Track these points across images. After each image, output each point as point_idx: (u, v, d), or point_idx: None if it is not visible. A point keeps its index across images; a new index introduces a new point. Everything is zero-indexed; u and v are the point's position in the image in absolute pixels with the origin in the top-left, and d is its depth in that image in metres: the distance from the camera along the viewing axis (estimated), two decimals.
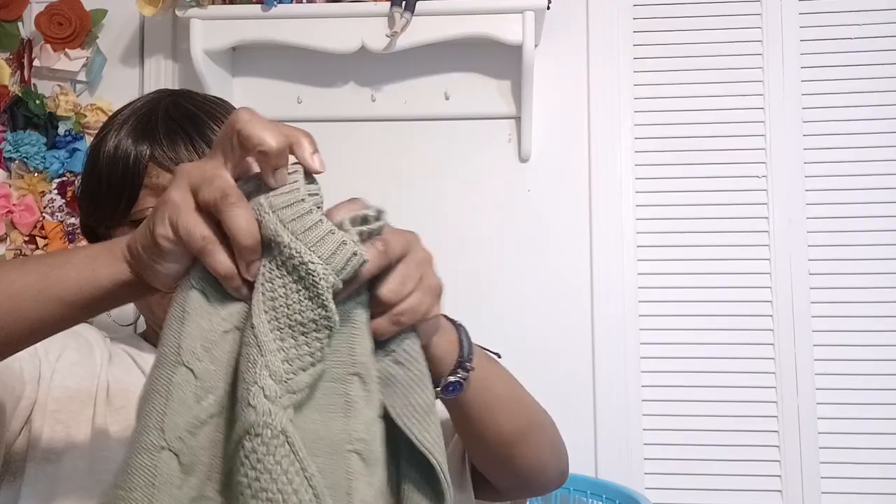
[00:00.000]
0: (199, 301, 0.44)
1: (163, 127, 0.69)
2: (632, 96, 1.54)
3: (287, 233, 0.43)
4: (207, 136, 0.69)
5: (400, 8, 1.37)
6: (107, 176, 0.70)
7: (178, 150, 0.68)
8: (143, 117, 0.70)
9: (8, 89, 1.56)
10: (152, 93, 0.75)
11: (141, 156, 0.68)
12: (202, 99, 0.74)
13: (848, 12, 1.51)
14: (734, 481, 1.45)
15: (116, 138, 0.70)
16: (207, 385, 0.43)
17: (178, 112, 0.70)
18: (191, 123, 0.69)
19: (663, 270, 1.51)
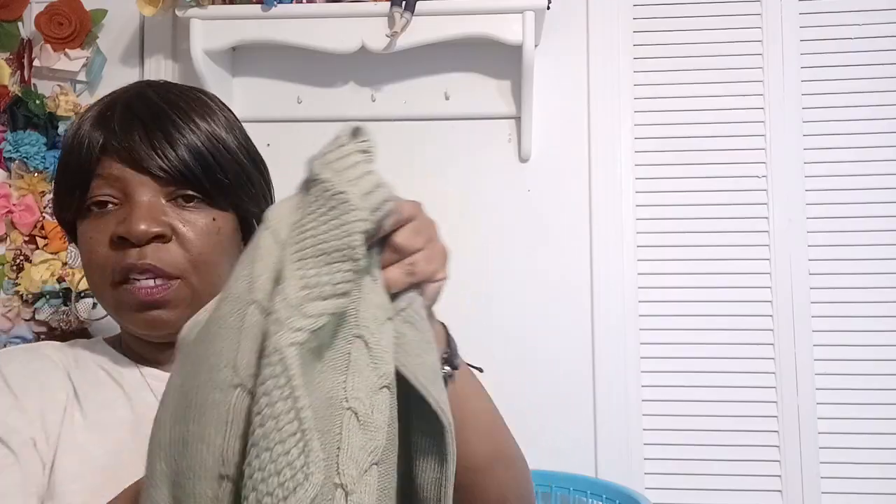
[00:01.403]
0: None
1: (119, 117, 0.67)
2: (632, 96, 1.54)
3: (329, 169, 0.45)
4: (167, 129, 0.66)
5: (400, 8, 1.37)
6: (65, 162, 0.69)
7: (133, 140, 0.66)
8: (105, 106, 0.69)
9: (8, 89, 1.56)
10: (131, 84, 0.73)
11: (94, 144, 0.67)
12: (177, 92, 0.71)
13: (848, 12, 1.51)
14: (734, 481, 1.45)
15: (80, 124, 0.69)
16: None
17: (140, 103, 0.69)
18: (150, 115, 0.67)
19: (663, 270, 1.51)
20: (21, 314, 1.52)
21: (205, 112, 0.70)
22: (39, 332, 1.52)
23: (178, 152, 0.66)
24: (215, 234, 0.68)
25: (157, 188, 0.66)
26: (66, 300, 1.51)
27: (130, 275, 0.65)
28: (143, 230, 0.64)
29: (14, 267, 1.53)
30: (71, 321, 1.51)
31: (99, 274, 0.67)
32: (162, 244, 0.65)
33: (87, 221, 0.68)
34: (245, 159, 0.72)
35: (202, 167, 0.67)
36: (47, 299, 1.49)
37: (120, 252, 0.65)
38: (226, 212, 0.70)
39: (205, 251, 0.67)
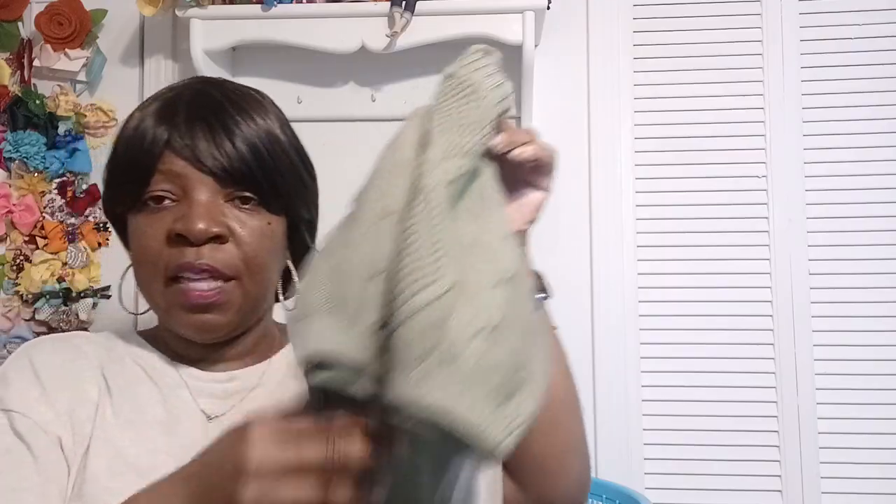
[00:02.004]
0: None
1: (183, 113, 0.67)
2: (632, 96, 1.54)
3: (465, 69, 0.55)
4: (229, 126, 0.66)
5: (400, 8, 1.37)
6: (124, 156, 0.68)
7: (196, 138, 0.65)
8: (167, 101, 0.69)
9: (8, 89, 1.56)
10: (188, 79, 0.73)
11: (158, 139, 0.66)
12: (233, 89, 0.71)
13: (848, 12, 1.51)
14: (734, 481, 1.45)
15: (139, 119, 0.68)
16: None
17: (203, 99, 0.68)
18: (212, 112, 0.67)
19: (663, 270, 1.51)
20: (21, 314, 1.52)
21: (262, 112, 0.70)
22: (39, 332, 1.52)
23: (239, 152, 0.66)
24: (269, 237, 0.68)
25: (217, 188, 0.66)
26: (66, 300, 1.51)
27: (184, 274, 0.64)
28: (202, 229, 0.63)
29: (14, 267, 1.53)
30: (71, 321, 1.51)
31: (150, 270, 0.66)
32: (219, 244, 0.65)
33: (140, 215, 0.67)
34: (300, 163, 0.72)
35: (262, 169, 0.67)
36: (47, 299, 1.50)
37: (176, 249, 0.64)
38: (279, 216, 0.69)
39: (259, 254, 0.67)
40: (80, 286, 1.52)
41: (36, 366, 0.66)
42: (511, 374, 0.43)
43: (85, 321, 1.51)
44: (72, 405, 0.65)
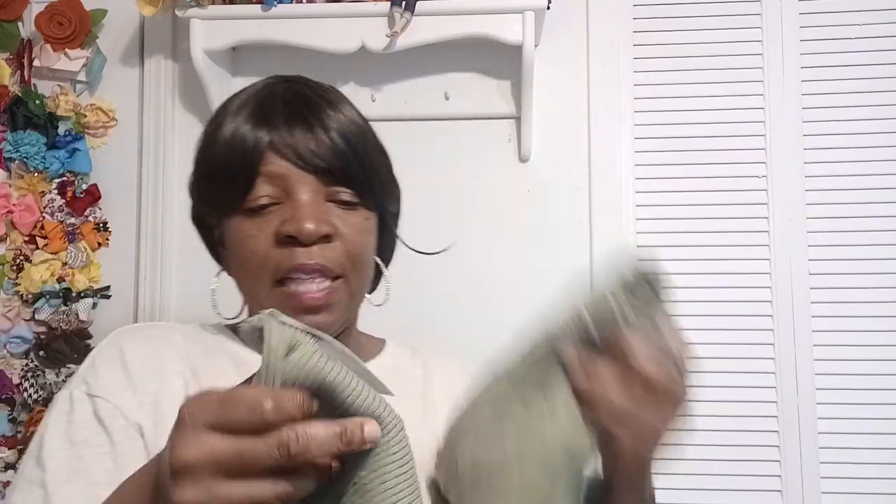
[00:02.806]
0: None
1: (282, 113, 0.67)
2: (632, 96, 1.54)
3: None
4: (324, 122, 0.67)
5: (400, 8, 1.37)
6: (222, 161, 0.68)
7: (296, 136, 0.66)
8: (261, 102, 0.68)
9: (8, 89, 1.56)
10: (267, 79, 0.73)
11: (259, 142, 0.66)
12: (316, 85, 0.72)
13: (848, 12, 1.51)
14: (734, 481, 1.45)
15: (234, 123, 0.68)
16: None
17: (297, 98, 0.68)
18: (309, 109, 0.67)
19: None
20: (21, 314, 1.52)
21: (347, 107, 0.71)
22: (39, 332, 1.52)
23: (339, 150, 0.66)
24: (368, 233, 0.69)
25: (319, 187, 0.66)
26: (66, 300, 1.51)
27: (295, 275, 0.65)
28: (312, 229, 0.64)
29: (14, 267, 1.53)
30: (71, 321, 1.51)
31: (257, 273, 0.66)
32: (326, 243, 0.65)
33: (241, 218, 0.67)
34: (385, 159, 0.74)
35: (360, 165, 0.68)
36: (47, 299, 1.50)
37: (286, 251, 0.64)
38: (373, 211, 0.71)
39: (362, 250, 0.68)
40: (80, 286, 1.52)
41: (125, 353, 0.66)
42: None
43: (85, 321, 1.52)
44: (157, 395, 0.64)
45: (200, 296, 1.56)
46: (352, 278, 0.68)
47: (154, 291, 1.54)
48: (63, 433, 0.61)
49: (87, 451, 0.60)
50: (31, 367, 1.50)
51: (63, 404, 0.63)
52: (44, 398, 1.48)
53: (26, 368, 1.50)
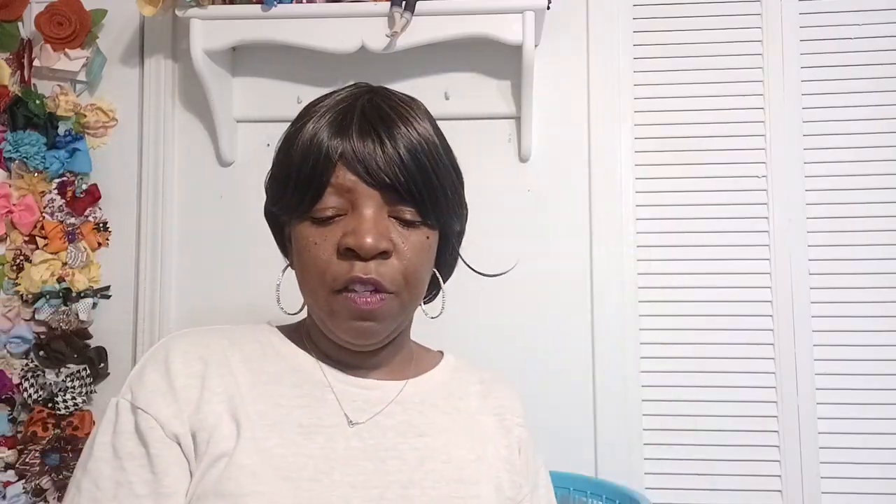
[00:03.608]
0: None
1: (357, 125, 0.68)
2: (632, 96, 1.54)
3: None
4: (395, 138, 0.68)
5: (400, 8, 1.37)
6: (297, 166, 0.69)
7: (367, 153, 0.67)
8: (341, 113, 0.70)
9: (8, 89, 1.56)
10: (351, 86, 0.75)
11: (332, 152, 0.67)
12: (397, 99, 0.74)
13: (848, 12, 1.51)
14: (734, 481, 1.45)
15: (314, 129, 0.69)
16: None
17: (374, 112, 0.70)
18: (383, 124, 0.69)
19: (663, 270, 1.51)
20: (21, 314, 1.52)
21: (424, 124, 0.72)
22: (39, 332, 1.52)
23: (407, 169, 0.67)
24: (427, 251, 0.72)
25: (383, 202, 0.68)
26: (66, 300, 1.51)
27: (352, 285, 0.67)
28: (371, 245, 0.66)
29: (14, 267, 1.53)
30: (71, 321, 1.51)
31: (318, 279, 0.68)
32: (384, 259, 0.67)
33: (308, 225, 0.69)
34: (455, 175, 0.74)
35: (426, 186, 0.69)
36: (47, 299, 1.49)
37: (346, 262, 0.67)
38: (435, 230, 0.72)
39: (418, 269, 0.70)
40: (80, 286, 1.52)
41: (170, 362, 0.68)
42: None
43: (85, 321, 1.51)
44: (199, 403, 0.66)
45: (201, 295, 1.57)
46: (404, 294, 0.70)
47: (154, 291, 1.54)
48: (109, 443, 0.65)
49: (129, 463, 0.64)
50: (31, 367, 1.50)
51: (111, 413, 0.67)
52: (44, 398, 1.48)
53: (26, 368, 1.50)
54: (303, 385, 0.71)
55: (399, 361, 0.77)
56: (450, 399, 0.77)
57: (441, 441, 0.72)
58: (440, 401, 0.76)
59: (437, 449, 0.71)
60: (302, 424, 0.67)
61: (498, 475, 0.73)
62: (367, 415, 0.71)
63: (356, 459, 0.67)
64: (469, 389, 0.80)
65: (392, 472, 0.67)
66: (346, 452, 0.67)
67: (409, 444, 0.70)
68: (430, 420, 0.73)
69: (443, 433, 0.73)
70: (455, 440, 0.73)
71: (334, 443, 0.67)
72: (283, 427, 0.67)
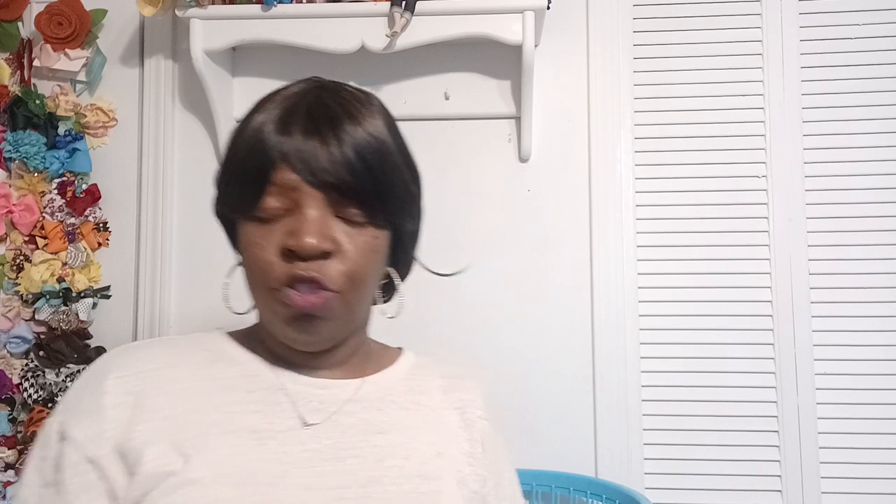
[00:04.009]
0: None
1: (302, 124, 0.66)
2: (632, 96, 1.54)
3: None
4: (341, 137, 0.66)
5: (400, 8, 1.37)
6: (241, 164, 0.69)
7: (311, 152, 0.65)
8: (287, 110, 0.68)
9: (8, 89, 1.56)
10: (305, 81, 0.72)
11: (274, 151, 0.66)
12: (348, 96, 0.70)
13: (848, 12, 1.51)
14: (734, 481, 1.45)
15: (259, 125, 0.68)
16: None
17: (321, 110, 0.67)
18: (329, 123, 0.66)
19: (663, 270, 1.51)
20: (21, 314, 1.52)
21: (374, 122, 0.69)
22: (39, 332, 1.52)
23: (352, 169, 0.66)
24: (374, 252, 0.69)
25: (327, 202, 0.66)
26: (66, 300, 1.51)
27: (293, 284, 0.65)
28: (313, 245, 0.64)
29: (14, 267, 1.53)
30: (71, 321, 1.51)
31: (260, 279, 0.67)
32: (326, 259, 0.66)
33: (252, 225, 0.68)
34: (408, 174, 0.73)
35: (373, 186, 0.67)
36: (47, 299, 1.50)
37: (287, 263, 0.65)
38: (384, 230, 0.70)
39: (363, 269, 0.68)
40: (80, 286, 1.52)
41: (103, 382, 0.67)
42: None
43: (85, 321, 1.52)
44: (130, 422, 0.65)
45: (200, 295, 1.57)
46: (349, 294, 0.68)
47: (154, 291, 1.54)
48: (35, 469, 0.66)
49: (46, 491, 0.64)
50: (31, 367, 1.50)
51: (42, 435, 0.67)
52: (43, 398, 1.48)
53: (26, 368, 1.50)
54: (255, 390, 0.69)
55: (357, 360, 0.76)
56: (410, 394, 0.76)
57: (401, 437, 0.71)
58: (400, 397, 0.75)
59: (397, 445, 0.70)
60: (254, 430, 0.66)
61: (460, 469, 0.72)
62: (324, 415, 0.69)
63: (312, 461, 0.66)
64: (431, 384, 0.78)
65: (351, 472, 0.66)
66: (302, 455, 0.66)
67: (368, 443, 0.69)
68: (389, 417, 0.72)
69: (403, 430, 0.72)
70: (416, 436, 0.72)
71: (288, 446, 0.66)
72: (235, 435, 0.65)
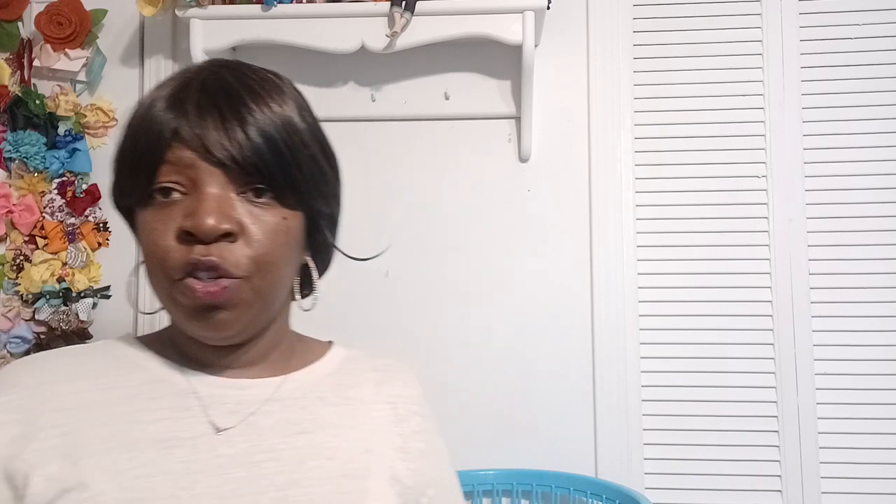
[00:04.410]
0: None
1: (194, 100, 0.62)
2: (632, 96, 1.54)
3: None
4: (242, 115, 0.62)
5: (400, 8, 1.37)
6: (131, 144, 0.64)
7: (207, 128, 0.61)
8: (178, 87, 0.64)
9: (8, 89, 1.56)
10: (206, 61, 0.69)
11: (166, 128, 0.61)
12: (251, 73, 0.66)
13: (848, 12, 1.51)
14: (734, 481, 1.45)
15: (150, 104, 0.64)
16: None
17: (216, 85, 0.63)
18: (225, 99, 0.62)
19: (663, 270, 1.51)
20: (21, 314, 1.52)
21: (280, 98, 0.65)
22: (39, 332, 1.52)
23: (252, 143, 0.61)
24: (284, 233, 0.64)
25: (228, 180, 0.61)
26: (66, 300, 1.51)
27: (193, 272, 0.60)
28: (211, 225, 0.59)
29: (14, 267, 1.53)
30: (71, 321, 1.51)
31: (160, 267, 0.62)
32: (229, 242, 0.61)
33: (149, 210, 0.63)
34: (320, 154, 0.68)
35: (276, 160, 0.63)
36: (47, 299, 1.50)
37: (185, 247, 0.60)
38: (295, 210, 0.65)
39: (271, 252, 0.63)
40: (80, 286, 1.52)
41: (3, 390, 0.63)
42: None
43: (85, 321, 1.51)
44: (24, 441, 0.61)
45: None
46: (256, 280, 0.62)
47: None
48: None
49: None
50: None
51: None
52: None
53: None
54: (163, 396, 0.65)
55: (277, 356, 0.71)
56: (339, 389, 0.71)
57: (325, 436, 0.67)
58: (327, 393, 0.70)
59: (320, 445, 0.66)
60: (159, 440, 0.62)
61: (392, 465, 0.69)
62: (239, 417, 0.65)
63: (225, 468, 0.62)
64: (363, 377, 0.74)
65: (268, 476, 0.62)
66: (213, 462, 0.62)
67: (288, 444, 0.65)
68: (312, 415, 0.68)
69: (327, 427, 0.68)
70: (342, 433, 0.68)
71: (198, 454, 0.62)
72: (138, 446, 0.61)
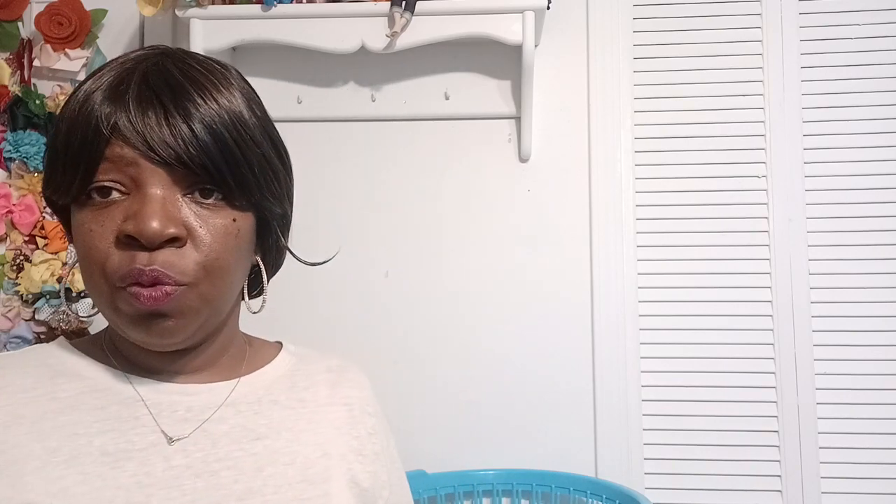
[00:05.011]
0: None
1: (135, 92, 0.57)
2: (632, 96, 1.54)
3: None
4: (186, 107, 0.57)
5: (400, 8, 1.37)
6: (65, 138, 0.58)
7: (149, 124, 0.56)
8: (118, 77, 0.59)
9: (8, 89, 1.56)
10: (147, 48, 0.63)
11: (104, 122, 0.56)
12: (195, 62, 0.61)
13: (848, 12, 1.51)
14: (734, 481, 1.45)
15: (87, 94, 0.58)
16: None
17: (159, 77, 0.58)
18: (169, 93, 0.57)
19: (663, 270, 1.51)
20: (21, 314, 1.52)
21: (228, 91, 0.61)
22: (39, 331, 1.52)
23: (199, 140, 0.57)
24: (234, 236, 0.60)
25: (173, 181, 0.57)
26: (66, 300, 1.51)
27: (133, 281, 0.56)
28: (156, 230, 0.55)
29: (14, 267, 1.53)
30: (71, 321, 1.51)
31: (98, 273, 0.57)
32: (175, 247, 0.57)
33: (86, 210, 0.58)
34: (271, 150, 0.63)
35: (225, 159, 0.58)
36: (47, 299, 1.50)
37: (126, 253, 0.56)
38: (246, 212, 0.61)
39: (221, 256, 0.59)
40: (80, 286, 1.52)
41: None
42: None
43: (85, 321, 1.52)
44: None
45: None
46: (203, 285, 0.58)
47: None
48: None
49: None
50: None
51: None
52: None
53: None
54: (107, 406, 0.60)
55: (228, 359, 0.67)
56: (293, 391, 0.68)
57: (282, 441, 0.64)
58: (281, 396, 0.67)
59: (277, 451, 0.63)
60: (107, 453, 0.57)
61: (350, 468, 0.67)
62: (192, 425, 0.61)
63: (180, 479, 0.58)
64: (316, 378, 0.71)
65: (226, 485, 0.59)
66: (167, 473, 0.58)
67: (244, 450, 0.62)
68: (268, 420, 0.65)
69: (284, 432, 0.65)
70: (299, 438, 0.65)
71: (150, 466, 0.58)
72: (83, 460, 0.57)
